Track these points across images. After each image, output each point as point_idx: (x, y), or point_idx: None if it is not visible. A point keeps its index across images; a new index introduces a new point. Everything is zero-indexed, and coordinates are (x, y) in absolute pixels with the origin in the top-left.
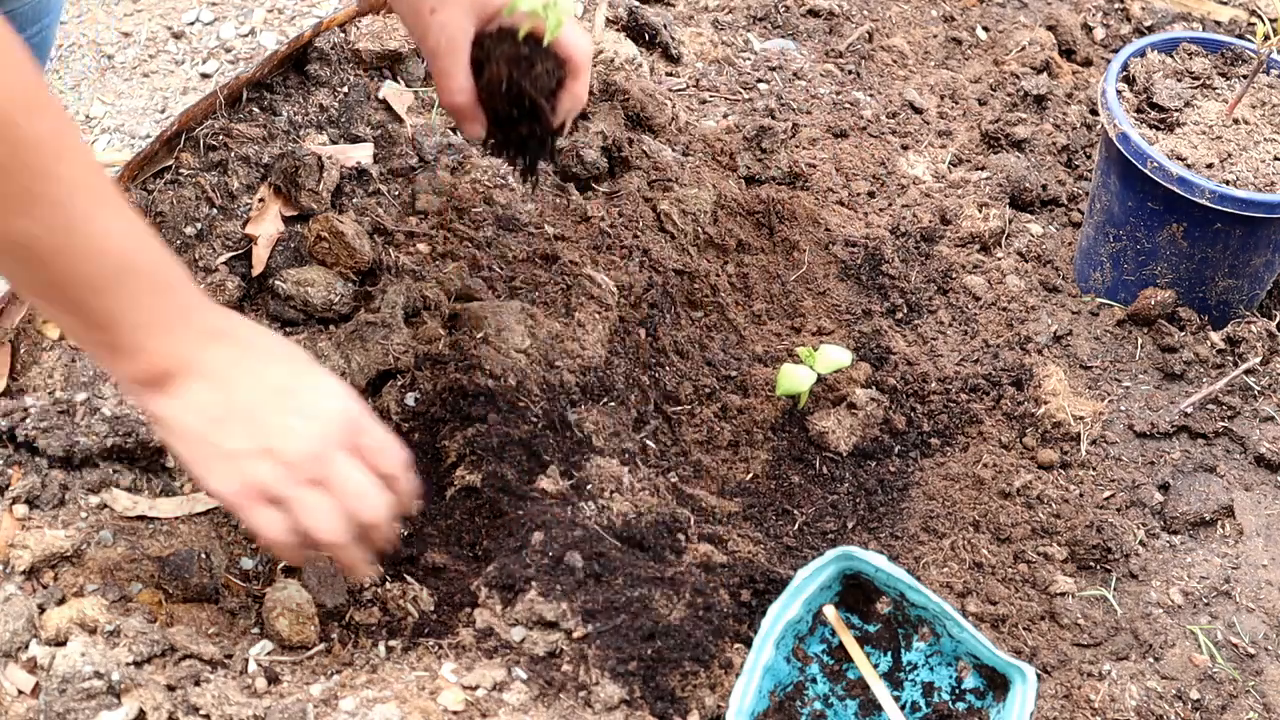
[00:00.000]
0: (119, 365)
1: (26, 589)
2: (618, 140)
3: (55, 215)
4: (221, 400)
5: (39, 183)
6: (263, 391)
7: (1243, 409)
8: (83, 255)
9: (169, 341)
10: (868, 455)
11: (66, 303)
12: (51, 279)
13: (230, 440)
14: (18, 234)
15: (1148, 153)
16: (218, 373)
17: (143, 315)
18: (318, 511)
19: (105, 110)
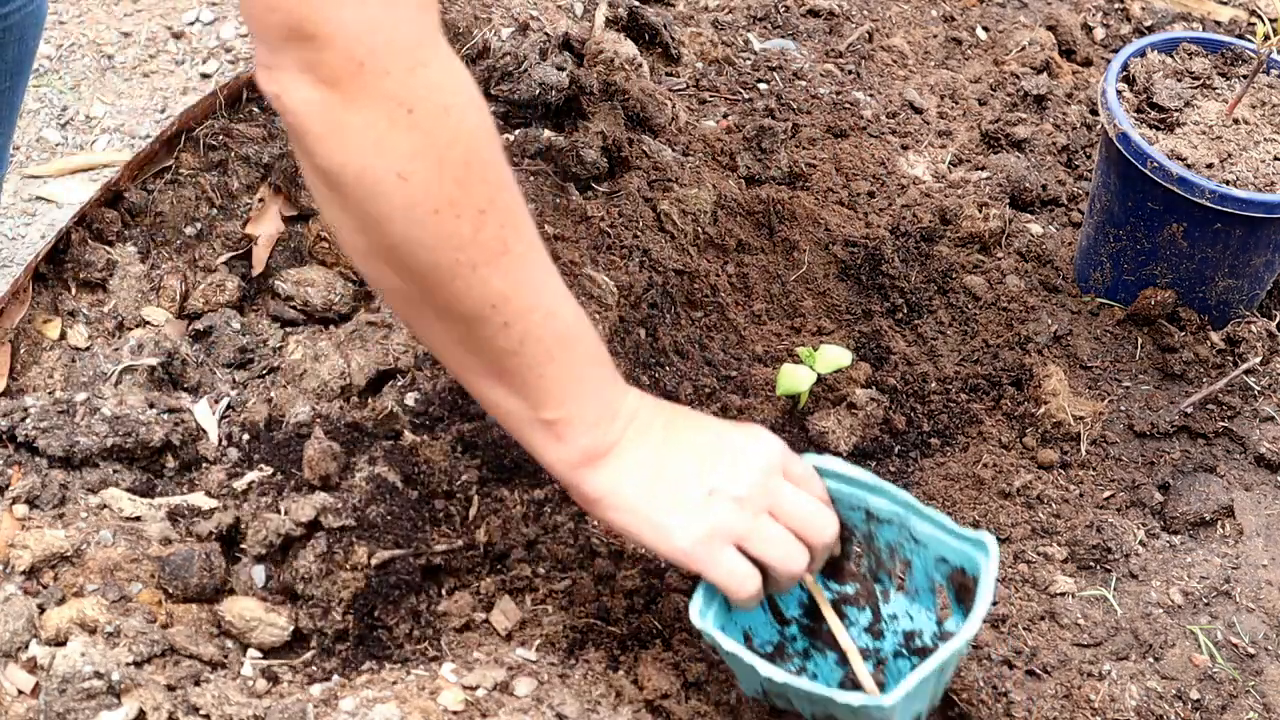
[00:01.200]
0: (559, 443)
1: (26, 589)
2: (618, 140)
3: (522, 269)
4: (659, 460)
5: (509, 231)
6: (695, 446)
7: (1243, 409)
8: (541, 317)
9: (608, 410)
10: (868, 455)
11: (517, 376)
12: (510, 346)
13: (678, 492)
14: (489, 291)
15: (1148, 153)
16: (652, 437)
17: (588, 385)
18: (778, 542)
19: (105, 110)
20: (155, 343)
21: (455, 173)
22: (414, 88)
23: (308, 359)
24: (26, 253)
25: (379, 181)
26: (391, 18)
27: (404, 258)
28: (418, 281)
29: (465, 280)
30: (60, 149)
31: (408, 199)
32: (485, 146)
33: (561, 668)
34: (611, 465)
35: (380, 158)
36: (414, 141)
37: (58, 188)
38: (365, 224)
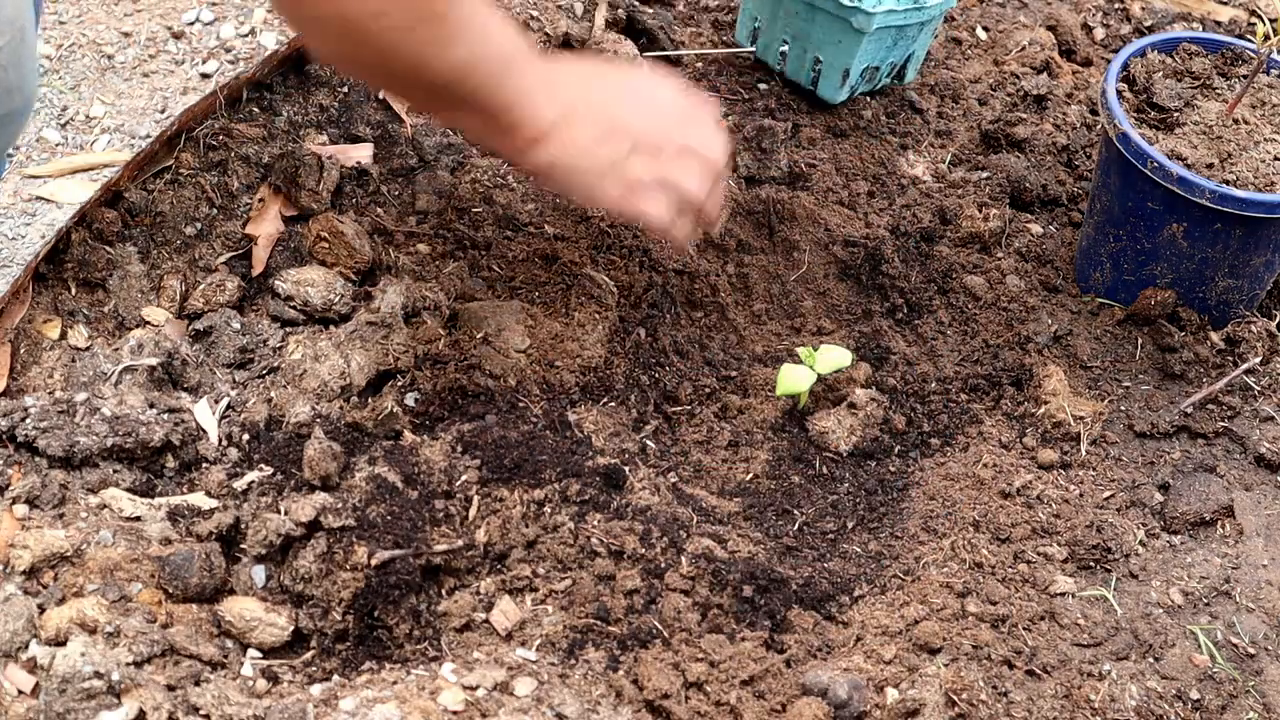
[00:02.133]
0: (511, 139)
1: (26, 589)
2: None
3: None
4: (586, 129)
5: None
6: (611, 99)
7: (1243, 409)
8: (494, 59)
9: (543, 103)
10: (868, 455)
11: (476, 104)
12: (467, 91)
13: (604, 154)
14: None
15: (1148, 153)
16: (578, 108)
17: (525, 93)
18: (690, 175)
19: (105, 110)
20: (155, 343)
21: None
22: None
23: (308, 359)
24: (26, 253)
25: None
26: None
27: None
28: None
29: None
30: (60, 149)
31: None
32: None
33: (561, 668)
34: (554, 140)
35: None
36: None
37: (58, 188)
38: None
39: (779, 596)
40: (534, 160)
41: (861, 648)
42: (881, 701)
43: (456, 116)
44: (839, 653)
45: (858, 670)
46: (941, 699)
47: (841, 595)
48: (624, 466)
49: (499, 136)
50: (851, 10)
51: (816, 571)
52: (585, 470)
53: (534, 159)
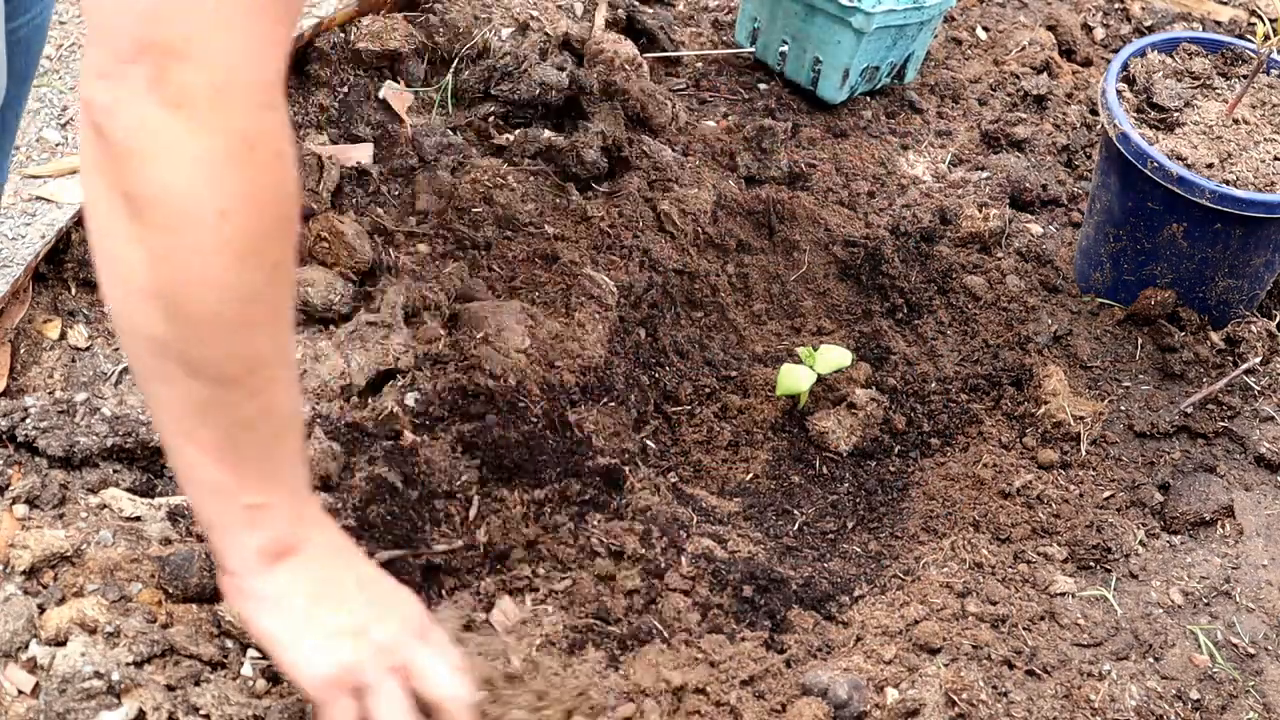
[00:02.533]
0: (250, 530)
1: (26, 589)
2: (618, 140)
3: (285, 335)
4: (325, 579)
5: (287, 295)
6: (356, 579)
7: (1243, 409)
8: (285, 393)
9: (301, 513)
10: (868, 455)
11: (248, 448)
12: (253, 413)
13: (330, 618)
14: (260, 351)
15: (1148, 153)
16: (324, 555)
17: (297, 481)
18: (390, 704)
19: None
20: None
21: (269, 223)
22: (261, 126)
23: (308, 359)
24: (26, 253)
25: (200, 215)
26: (258, 52)
27: (189, 300)
28: (190, 329)
29: (242, 337)
30: (60, 149)
31: (221, 238)
32: (294, 202)
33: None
34: (287, 569)
35: (208, 189)
36: (245, 181)
37: (58, 188)
38: (161, 257)
39: (779, 596)
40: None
41: (861, 648)
42: (881, 701)
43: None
44: (839, 653)
45: (858, 670)
46: (941, 699)
47: (841, 595)
48: (624, 466)
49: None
50: (851, 10)
51: (816, 571)
52: (585, 470)
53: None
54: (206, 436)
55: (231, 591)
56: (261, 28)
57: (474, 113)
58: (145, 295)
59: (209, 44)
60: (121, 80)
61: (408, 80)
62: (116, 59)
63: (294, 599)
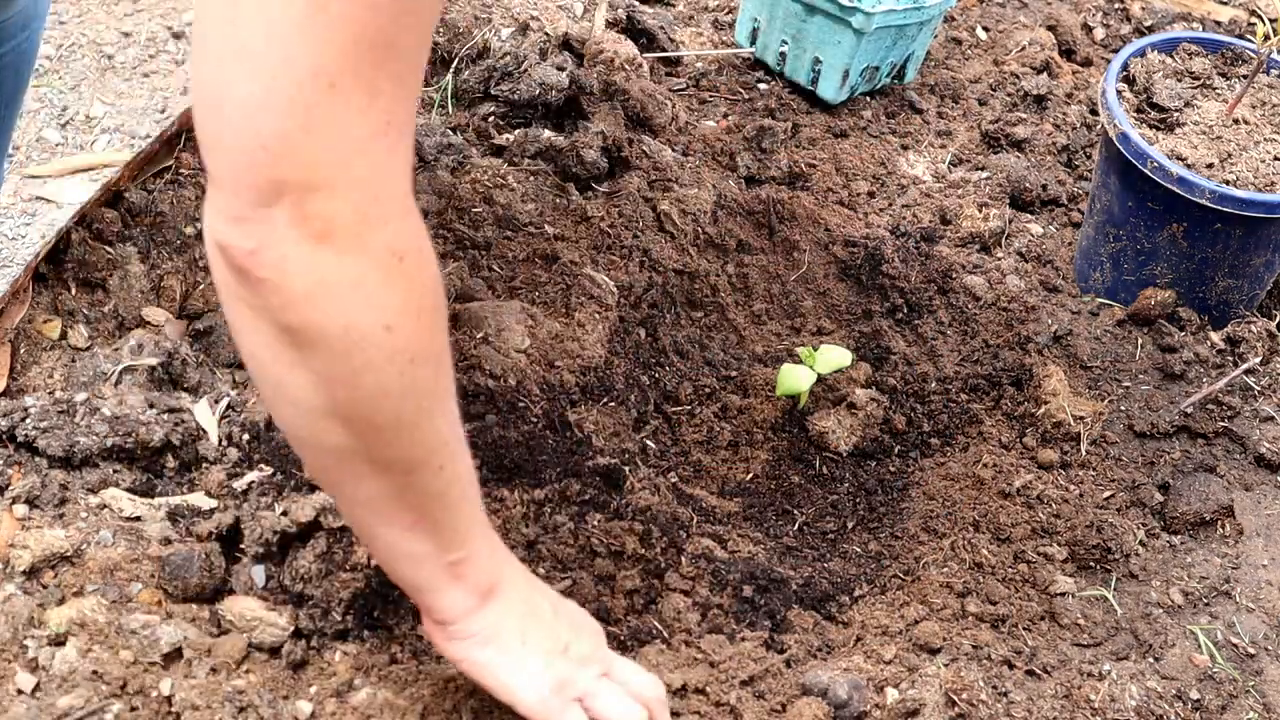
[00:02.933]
0: (459, 586)
1: (26, 589)
2: (618, 140)
3: (454, 412)
4: (527, 610)
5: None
6: (550, 605)
7: (1243, 409)
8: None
9: (494, 553)
10: (868, 455)
11: (433, 520)
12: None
13: (539, 642)
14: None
15: (1148, 153)
16: (521, 588)
17: (481, 527)
18: (616, 700)
19: (105, 110)
20: (155, 343)
21: (429, 320)
22: (406, 235)
23: None
24: (26, 253)
25: (365, 336)
26: (397, 167)
27: (367, 411)
28: (372, 433)
29: (422, 427)
30: (60, 149)
31: (391, 350)
32: (442, 290)
33: None
34: (495, 608)
35: (370, 311)
36: (402, 292)
37: (57, 188)
38: (331, 380)
39: (779, 596)
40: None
41: (861, 648)
42: (881, 701)
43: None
44: (839, 653)
45: (858, 670)
46: (941, 699)
47: (841, 595)
48: (624, 466)
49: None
50: (851, 10)
51: (816, 571)
52: (585, 470)
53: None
54: (402, 517)
55: (441, 638)
56: (388, 142)
57: (474, 113)
58: (321, 414)
59: (343, 173)
60: (261, 223)
61: None
62: (252, 203)
63: (505, 632)
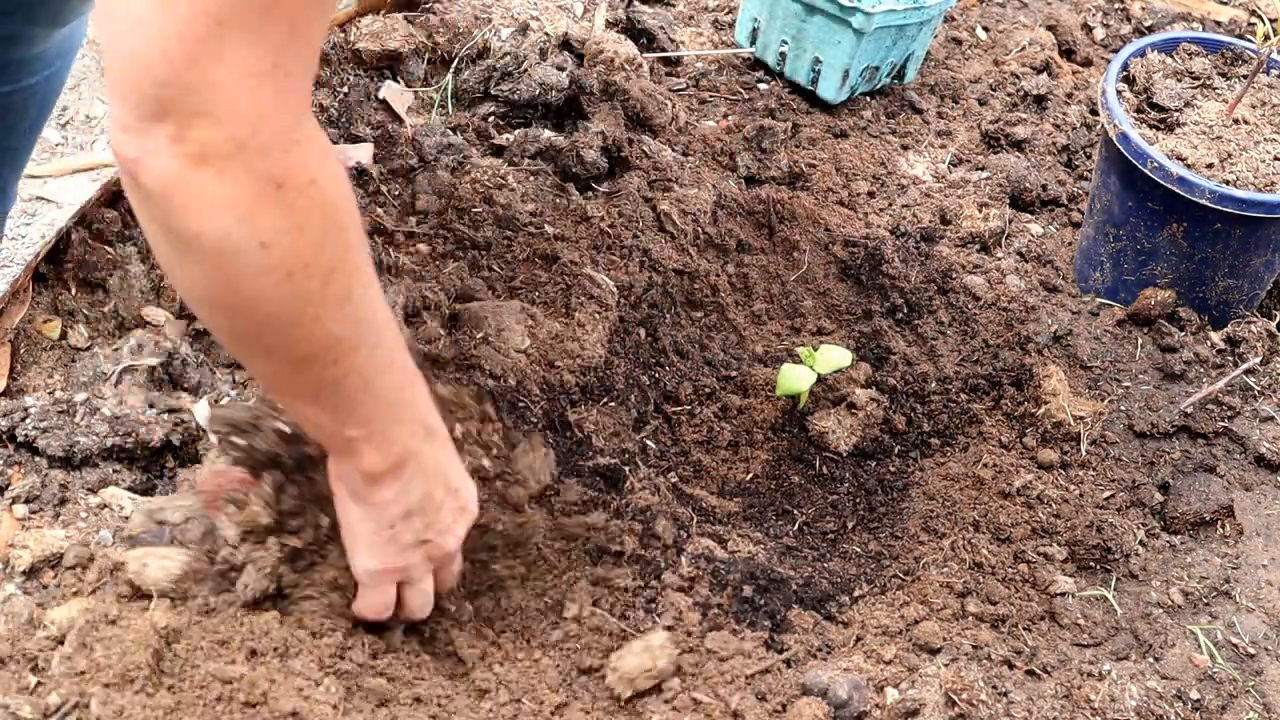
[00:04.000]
0: (356, 458)
1: (26, 589)
2: (618, 140)
3: (361, 312)
4: (421, 494)
5: (354, 281)
6: (444, 489)
7: (1243, 409)
8: (367, 352)
9: (408, 434)
10: (868, 455)
11: (333, 401)
12: (334, 377)
13: (409, 532)
14: (328, 337)
15: (1148, 153)
16: (426, 469)
17: (395, 408)
18: (424, 600)
19: (105, 110)
20: (155, 343)
21: (313, 238)
22: (287, 165)
23: None
24: (26, 253)
25: (239, 249)
26: (280, 106)
27: (246, 310)
28: (253, 329)
29: (307, 329)
30: (60, 149)
31: (266, 264)
32: (342, 210)
33: None
34: (393, 484)
35: (244, 227)
36: (280, 215)
37: (58, 188)
38: (212, 280)
39: (779, 596)
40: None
41: (861, 648)
42: (881, 701)
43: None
44: (839, 653)
45: (858, 670)
46: (941, 699)
47: (841, 595)
48: (624, 466)
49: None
50: (851, 10)
51: (816, 571)
52: (585, 470)
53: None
54: (298, 392)
55: (332, 474)
56: (276, 80)
57: (474, 113)
58: (207, 305)
59: (226, 104)
60: (146, 136)
61: (408, 80)
62: (139, 116)
63: (389, 513)
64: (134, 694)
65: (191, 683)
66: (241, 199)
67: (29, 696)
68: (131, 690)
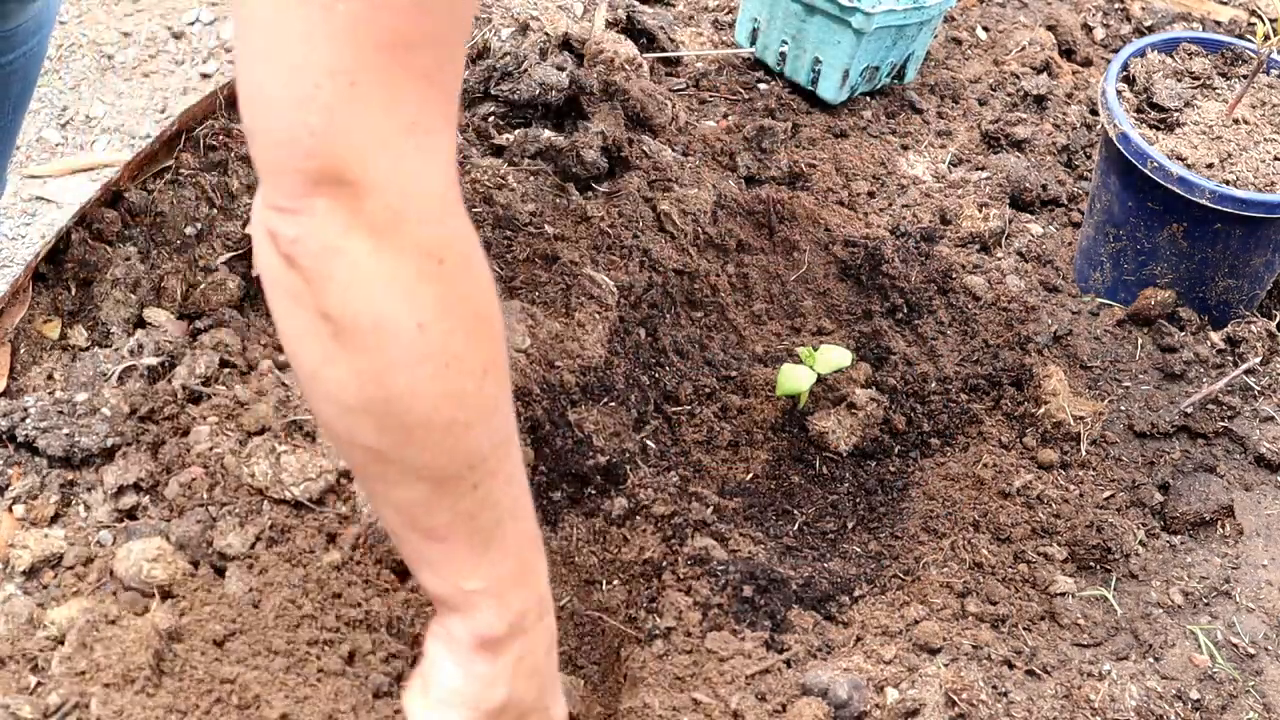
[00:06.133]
0: (477, 617)
1: (26, 589)
2: (618, 140)
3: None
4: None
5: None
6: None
7: (1243, 409)
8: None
9: (525, 604)
10: (868, 455)
11: (467, 534)
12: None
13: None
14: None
15: (1148, 153)
16: (532, 654)
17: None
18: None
19: (105, 110)
20: (155, 343)
21: (469, 326)
22: (445, 238)
23: None
24: (26, 253)
25: (398, 332)
26: (429, 166)
27: (399, 411)
28: (404, 436)
29: (456, 437)
30: (60, 149)
31: (424, 350)
32: (493, 301)
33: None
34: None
35: (403, 307)
36: (439, 293)
37: (58, 188)
38: (363, 374)
39: (779, 596)
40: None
41: (861, 648)
42: (881, 701)
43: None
44: (839, 653)
45: (858, 670)
46: (941, 699)
47: (841, 595)
48: (624, 466)
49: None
50: (851, 10)
51: (816, 571)
52: (585, 470)
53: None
54: (432, 523)
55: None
56: (428, 142)
57: (474, 113)
58: (355, 411)
59: (371, 171)
60: (303, 214)
61: None
62: (293, 194)
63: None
64: (134, 694)
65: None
66: (400, 273)
67: (29, 696)
68: (131, 690)
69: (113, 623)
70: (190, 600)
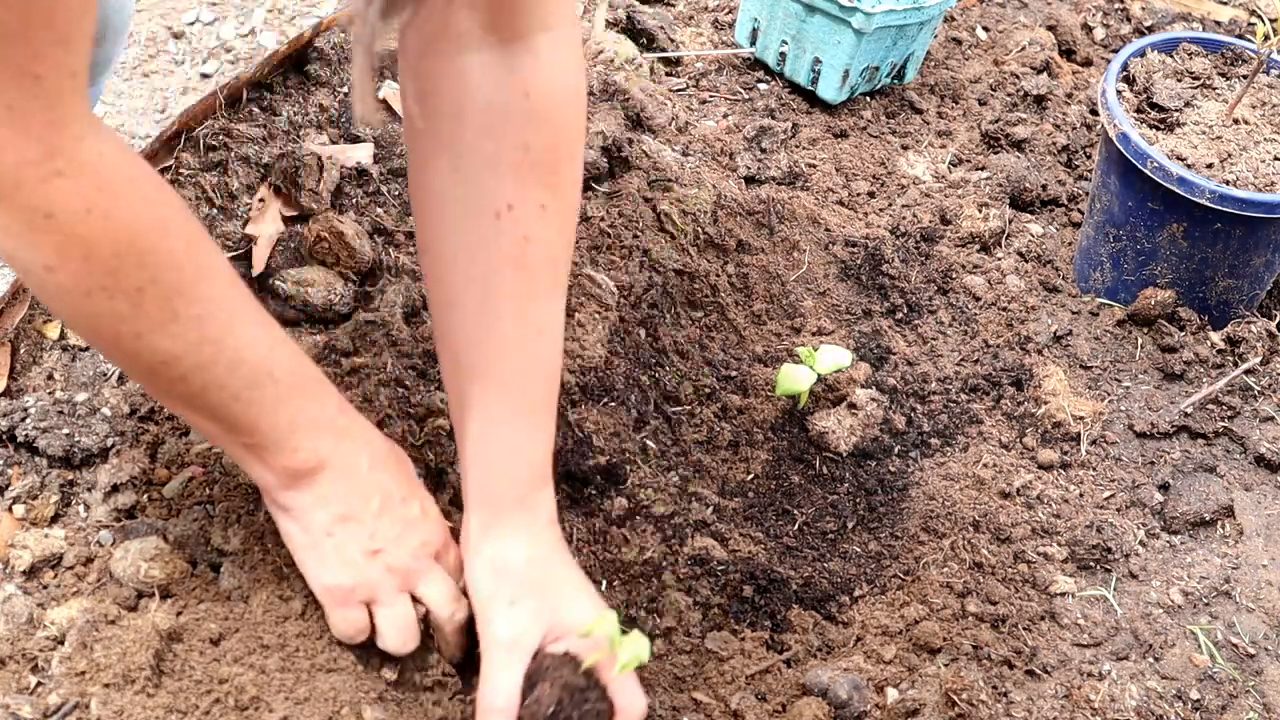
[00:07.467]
0: (259, 465)
1: (26, 589)
2: (618, 140)
3: (194, 331)
4: (347, 498)
5: (178, 301)
6: (381, 495)
7: (1243, 409)
8: (224, 368)
9: (307, 440)
10: (868, 455)
11: (206, 411)
12: (191, 391)
13: (352, 540)
14: (159, 352)
15: (1148, 153)
16: (346, 471)
17: (282, 417)
18: (401, 625)
19: (105, 110)
20: None
21: (105, 263)
22: (50, 196)
23: None
24: None
25: (28, 271)
26: (16, 138)
27: (71, 324)
28: (90, 339)
29: (131, 345)
30: None
31: (57, 286)
32: (141, 234)
33: None
34: (311, 488)
35: (26, 252)
36: (55, 243)
37: None
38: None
39: (779, 596)
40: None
41: (861, 648)
42: (881, 701)
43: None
44: (839, 653)
45: (858, 670)
46: (941, 699)
47: (841, 595)
48: (624, 466)
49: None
50: (851, 10)
51: (816, 571)
52: (585, 470)
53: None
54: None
55: (265, 498)
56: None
57: None
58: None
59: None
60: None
61: None
62: None
63: (313, 519)
64: (134, 694)
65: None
66: (12, 227)
67: (29, 696)
68: (131, 690)
69: (113, 623)
70: (187, 599)
